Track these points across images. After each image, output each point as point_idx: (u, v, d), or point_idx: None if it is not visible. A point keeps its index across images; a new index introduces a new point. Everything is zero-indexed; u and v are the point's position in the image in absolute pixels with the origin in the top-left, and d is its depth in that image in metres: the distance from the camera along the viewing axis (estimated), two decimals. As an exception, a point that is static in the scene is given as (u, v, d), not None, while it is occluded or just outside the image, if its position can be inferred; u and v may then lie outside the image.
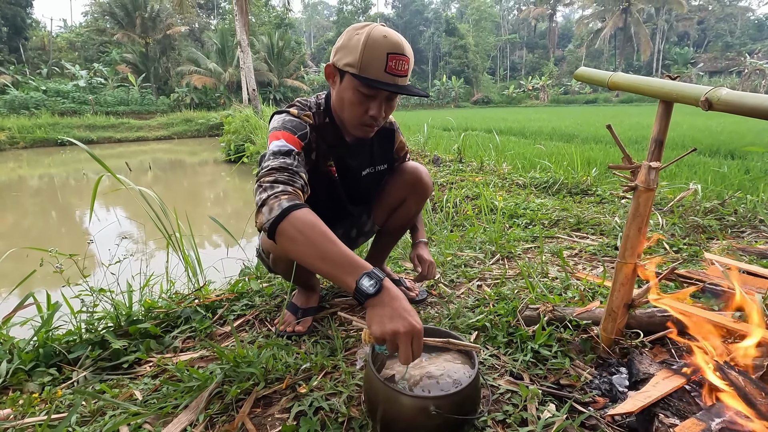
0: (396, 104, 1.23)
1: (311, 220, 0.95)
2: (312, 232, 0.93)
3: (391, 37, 1.10)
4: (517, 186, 3.89)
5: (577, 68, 1.32)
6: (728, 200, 2.76)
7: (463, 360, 1.01)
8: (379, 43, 1.08)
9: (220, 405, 1.05)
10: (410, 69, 1.15)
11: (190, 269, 1.88)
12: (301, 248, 0.93)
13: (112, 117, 19.42)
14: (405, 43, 1.12)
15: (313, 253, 0.92)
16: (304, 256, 0.94)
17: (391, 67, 1.09)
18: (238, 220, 5.56)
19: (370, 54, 1.08)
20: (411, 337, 0.83)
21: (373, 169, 1.45)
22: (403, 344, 0.83)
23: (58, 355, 1.31)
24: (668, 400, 0.93)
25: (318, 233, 0.93)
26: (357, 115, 1.18)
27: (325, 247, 0.91)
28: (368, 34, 1.09)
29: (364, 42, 1.08)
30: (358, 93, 1.14)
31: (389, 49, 1.08)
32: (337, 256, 0.91)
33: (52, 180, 9.71)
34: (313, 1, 71.45)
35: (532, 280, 1.70)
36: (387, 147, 1.48)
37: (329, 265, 0.91)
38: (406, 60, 1.11)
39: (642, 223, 1.06)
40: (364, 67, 1.09)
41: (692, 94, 0.92)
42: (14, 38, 27.26)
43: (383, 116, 1.20)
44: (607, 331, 1.17)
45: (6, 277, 3.03)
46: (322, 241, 0.92)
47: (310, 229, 0.93)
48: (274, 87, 25.86)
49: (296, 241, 0.94)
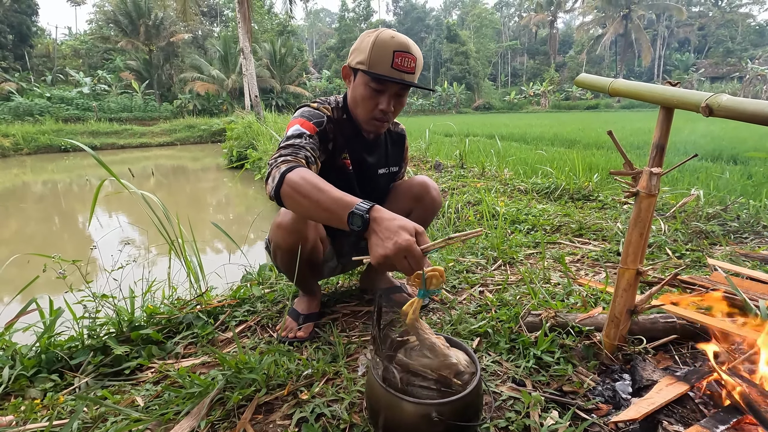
0: (405, 100, 1.32)
1: (302, 176, 1.02)
2: (305, 188, 1.00)
3: (398, 37, 1.22)
4: (519, 191, 3.89)
5: (578, 74, 1.33)
6: (731, 206, 2.75)
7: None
8: (387, 42, 1.20)
9: (222, 411, 1.05)
10: (418, 67, 1.25)
11: (192, 275, 1.88)
12: (302, 206, 1.02)
13: (116, 123, 19.53)
14: (412, 43, 1.23)
15: (311, 206, 0.99)
16: (307, 212, 1.03)
17: (397, 64, 1.20)
18: (240, 226, 5.57)
19: (378, 52, 1.20)
20: (404, 255, 0.85)
21: (387, 170, 1.52)
22: (398, 264, 0.86)
23: (60, 361, 1.31)
24: (672, 407, 0.93)
25: (310, 187, 0.99)
26: (369, 109, 1.28)
27: (317, 198, 0.98)
28: (377, 36, 1.22)
29: (372, 42, 1.21)
30: (368, 88, 1.25)
31: (396, 48, 1.20)
32: (328, 204, 0.96)
33: (55, 186, 9.75)
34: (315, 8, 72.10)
35: (534, 286, 1.69)
36: (398, 150, 1.57)
37: (326, 214, 0.97)
38: (412, 58, 1.22)
39: (644, 228, 1.06)
40: (373, 64, 1.21)
41: (693, 100, 0.93)
42: (19, 46, 27.52)
43: (392, 110, 1.29)
44: (609, 337, 1.17)
45: (9, 282, 3.03)
46: (314, 193, 0.98)
47: (303, 186, 1.00)
48: (276, 93, 25.99)
49: (296, 200, 1.02)
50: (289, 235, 1.29)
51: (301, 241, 1.30)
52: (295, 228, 1.28)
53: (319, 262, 1.46)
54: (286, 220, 1.28)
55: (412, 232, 0.87)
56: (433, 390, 0.88)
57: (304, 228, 1.30)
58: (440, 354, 0.90)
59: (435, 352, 0.91)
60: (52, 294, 1.62)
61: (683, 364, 1.16)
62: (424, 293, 0.88)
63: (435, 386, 0.89)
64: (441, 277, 0.87)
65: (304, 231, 1.30)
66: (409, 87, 1.27)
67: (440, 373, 0.89)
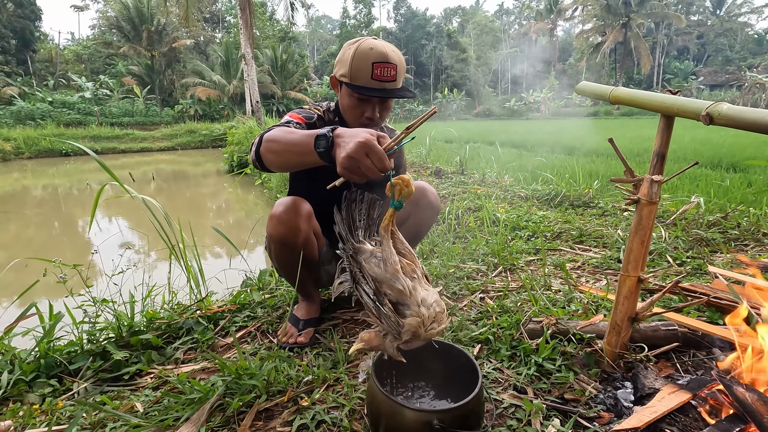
0: (391, 105, 1.37)
1: (277, 129, 1.09)
2: (278, 135, 1.06)
3: (377, 48, 1.24)
4: (519, 198, 3.89)
5: (578, 82, 1.34)
6: (731, 213, 2.75)
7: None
8: (366, 54, 1.24)
9: (222, 418, 1.04)
10: (399, 74, 1.28)
11: (193, 280, 1.88)
12: (277, 153, 1.07)
13: (117, 128, 19.60)
14: (392, 52, 1.26)
15: (284, 149, 1.05)
16: (283, 157, 1.07)
17: (377, 74, 1.24)
18: (240, 231, 5.57)
19: (358, 65, 1.24)
20: (365, 152, 0.86)
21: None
22: (362, 164, 0.87)
23: (59, 366, 1.31)
24: (675, 416, 0.93)
25: (282, 133, 1.06)
26: (356, 117, 1.34)
27: (289, 139, 1.04)
28: (357, 48, 1.25)
29: (352, 55, 1.25)
30: (353, 98, 1.31)
31: (374, 59, 1.23)
32: (298, 139, 1.01)
33: (56, 190, 9.76)
34: (317, 15, 72.65)
35: (535, 292, 1.69)
36: (395, 156, 1.56)
37: (298, 148, 1.01)
38: (392, 66, 1.25)
39: (645, 236, 1.06)
40: (354, 76, 1.25)
41: (693, 108, 0.93)
42: (22, 51, 27.72)
43: (378, 116, 1.33)
44: (611, 344, 1.16)
45: (8, 287, 3.02)
46: (286, 136, 1.05)
47: (277, 134, 1.07)
48: (277, 99, 26.11)
49: (271, 149, 1.08)
50: (280, 224, 1.32)
51: (293, 232, 1.32)
52: (286, 218, 1.31)
53: (314, 260, 1.46)
54: (278, 211, 1.32)
55: (372, 133, 0.90)
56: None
57: (295, 218, 1.32)
58: (391, 272, 0.89)
59: (388, 268, 0.90)
60: (51, 298, 1.62)
61: (685, 372, 1.16)
62: (396, 203, 0.91)
63: (373, 297, 0.89)
64: (408, 186, 0.91)
65: (296, 221, 1.32)
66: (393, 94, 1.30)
67: (382, 289, 0.89)
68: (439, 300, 0.91)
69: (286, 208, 1.32)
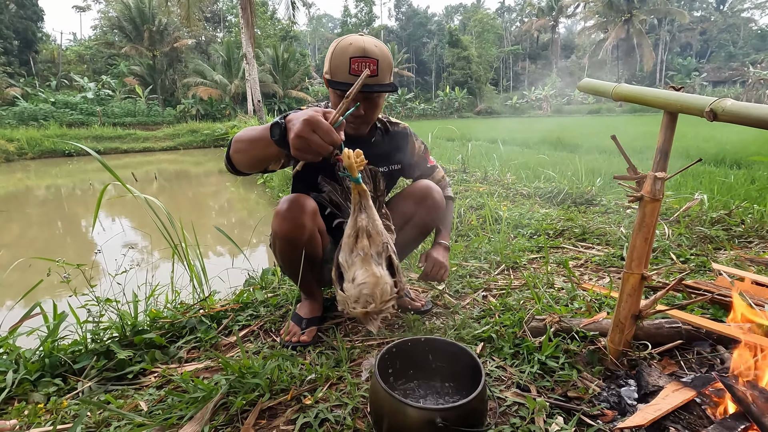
0: (379, 102, 1.36)
1: (240, 132, 1.10)
2: (241, 136, 1.08)
3: (356, 43, 1.24)
4: (522, 196, 3.88)
5: (580, 79, 1.33)
6: (735, 210, 2.74)
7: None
8: (345, 49, 1.24)
9: (225, 416, 1.05)
10: (382, 68, 1.27)
11: (196, 279, 1.88)
12: (242, 151, 1.09)
13: (119, 128, 19.62)
14: (372, 46, 1.24)
15: (248, 147, 1.07)
16: (248, 155, 1.09)
17: (354, 70, 1.23)
18: (242, 230, 5.58)
19: (336, 61, 1.25)
20: (312, 129, 0.88)
21: (387, 168, 1.54)
22: (311, 140, 0.88)
23: (63, 366, 1.31)
24: (679, 414, 0.92)
25: (243, 133, 1.08)
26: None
27: (249, 137, 1.06)
28: (338, 44, 1.27)
29: (331, 51, 1.27)
30: (336, 95, 1.31)
31: (352, 54, 1.23)
32: (257, 136, 1.03)
33: (59, 190, 9.79)
34: (318, 14, 72.58)
35: (538, 290, 1.69)
36: (400, 149, 1.58)
37: (260, 146, 1.03)
38: (371, 61, 1.24)
39: (648, 233, 1.06)
40: (334, 73, 1.27)
41: (697, 105, 0.93)
42: (25, 51, 27.79)
43: (362, 113, 1.33)
44: (614, 342, 1.16)
45: (13, 287, 3.04)
46: (247, 135, 1.07)
47: (241, 134, 1.09)
48: (278, 98, 26.11)
49: (239, 150, 1.09)
50: (285, 221, 1.31)
51: (298, 229, 1.32)
52: (291, 215, 1.30)
53: (318, 258, 1.46)
54: (284, 208, 1.32)
55: (318, 110, 0.91)
56: None
57: (300, 216, 1.31)
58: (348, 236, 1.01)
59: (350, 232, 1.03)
60: (55, 298, 1.63)
61: (689, 369, 1.15)
62: (355, 178, 0.99)
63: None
64: (359, 157, 1.01)
65: (301, 218, 1.31)
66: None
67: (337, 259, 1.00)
68: (377, 282, 0.93)
69: (291, 205, 1.31)
